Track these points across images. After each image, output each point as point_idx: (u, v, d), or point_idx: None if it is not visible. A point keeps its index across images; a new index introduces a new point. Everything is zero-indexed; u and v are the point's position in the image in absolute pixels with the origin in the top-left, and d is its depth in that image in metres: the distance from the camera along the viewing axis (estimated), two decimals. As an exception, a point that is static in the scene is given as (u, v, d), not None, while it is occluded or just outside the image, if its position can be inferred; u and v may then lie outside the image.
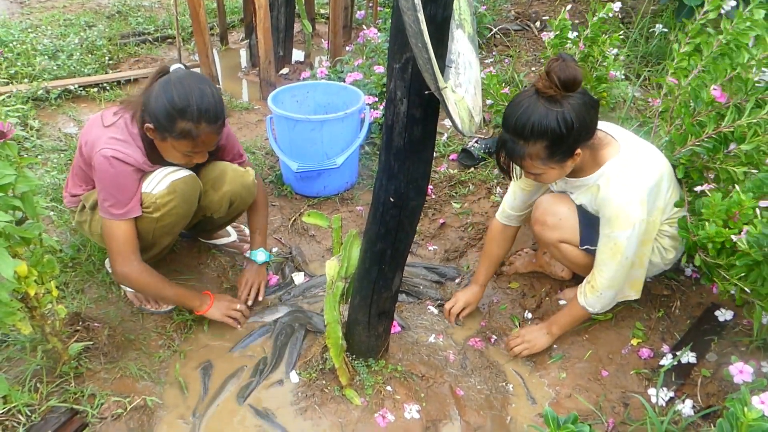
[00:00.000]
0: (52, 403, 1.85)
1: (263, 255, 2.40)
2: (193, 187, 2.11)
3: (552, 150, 1.73)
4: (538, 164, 1.77)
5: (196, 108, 1.89)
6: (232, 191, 2.24)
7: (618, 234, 1.85)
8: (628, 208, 1.82)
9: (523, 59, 4.44)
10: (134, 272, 2.06)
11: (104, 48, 4.56)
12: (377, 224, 1.72)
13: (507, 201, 2.22)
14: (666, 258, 2.05)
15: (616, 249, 1.87)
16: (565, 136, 1.70)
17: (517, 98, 1.75)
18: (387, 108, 1.55)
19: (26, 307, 1.78)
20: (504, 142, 1.78)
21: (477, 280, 2.32)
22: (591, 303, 2.00)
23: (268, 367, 2.14)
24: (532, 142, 1.71)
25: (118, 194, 1.98)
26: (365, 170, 3.23)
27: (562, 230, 2.06)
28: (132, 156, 1.97)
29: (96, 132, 2.01)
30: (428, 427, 1.92)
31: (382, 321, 1.95)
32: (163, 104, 1.90)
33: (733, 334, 2.09)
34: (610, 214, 1.86)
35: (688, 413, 1.82)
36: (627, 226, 1.83)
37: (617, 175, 1.84)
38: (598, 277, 1.95)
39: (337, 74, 3.79)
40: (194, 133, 1.93)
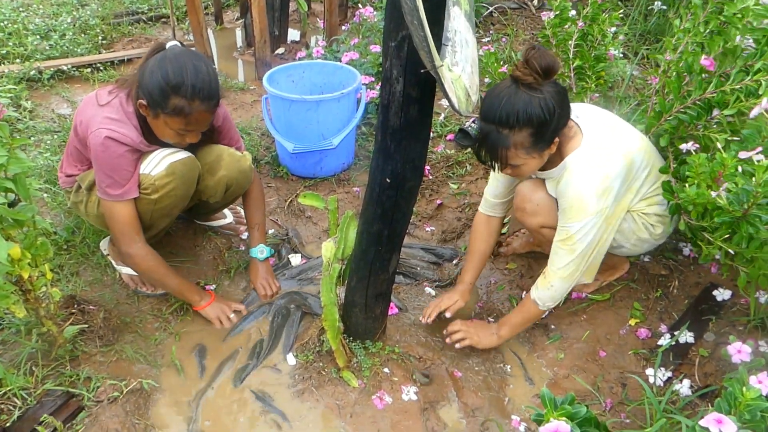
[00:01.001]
0: (48, 386, 1.85)
1: (265, 251, 2.39)
2: (192, 169, 2.09)
3: (536, 138, 1.70)
4: (521, 154, 1.73)
5: (191, 85, 1.86)
6: (229, 176, 2.22)
7: (570, 225, 1.83)
8: (584, 200, 1.80)
9: (521, 38, 4.40)
10: (139, 254, 2.05)
11: (97, 27, 4.50)
12: (374, 205, 1.70)
13: (489, 190, 2.18)
14: (654, 233, 2.03)
15: (569, 239, 1.85)
16: (549, 122, 1.69)
17: (494, 89, 1.72)
18: (383, 87, 1.53)
19: (20, 290, 1.77)
20: (487, 133, 1.73)
21: (463, 279, 2.22)
22: (541, 296, 1.94)
23: (265, 350, 2.14)
24: (518, 130, 1.68)
25: (114, 175, 1.95)
26: (362, 151, 3.20)
27: (541, 216, 2.08)
28: (128, 135, 1.95)
29: (91, 111, 1.98)
30: (426, 408, 1.92)
31: (379, 303, 1.94)
32: (157, 80, 1.86)
33: (731, 314, 2.08)
34: (564, 206, 1.85)
35: (685, 393, 1.82)
36: (581, 217, 1.81)
37: (576, 168, 1.82)
38: (549, 266, 1.92)
39: (333, 54, 3.75)
40: (187, 110, 1.89)
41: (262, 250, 2.38)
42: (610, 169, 1.81)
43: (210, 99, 1.91)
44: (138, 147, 1.98)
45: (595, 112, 1.95)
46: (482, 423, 1.89)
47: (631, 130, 1.96)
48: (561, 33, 2.49)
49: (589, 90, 2.47)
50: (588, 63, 2.46)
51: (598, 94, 2.61)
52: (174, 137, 1.99)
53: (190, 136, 2.01)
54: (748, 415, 1.24)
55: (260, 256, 2.38)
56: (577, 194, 1.81)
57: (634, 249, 2.09)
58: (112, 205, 1.99)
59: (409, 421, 1.87)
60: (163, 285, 2.19)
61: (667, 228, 2.04)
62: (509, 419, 1.90)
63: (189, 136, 2.01)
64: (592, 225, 1.83)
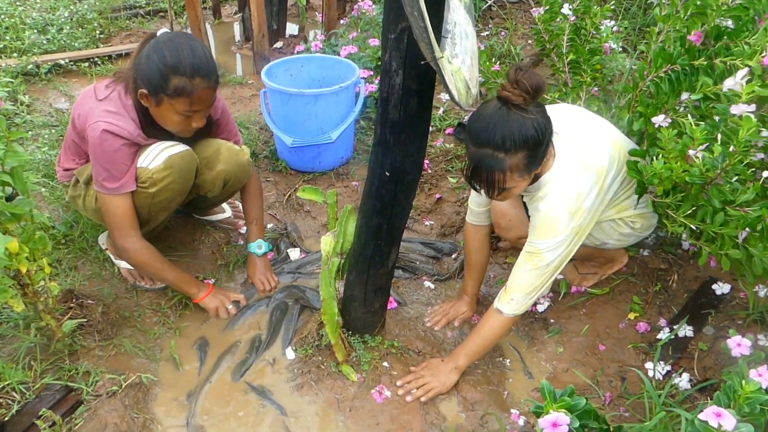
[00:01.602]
0: (47, 380, 1.84)
1: (263, 246, 2.39)
2: (190, 162, 2.08)
3: (530, 159, 1.66)
4: (515, 177, 1.68)
5: (189, 63, 1.85)
6: (227, 170, 2.21)
7: (539, 242, 1.80)
8: (555, 220, 1.77)
9: (519, 32, 4.39)
10: (134, 247, 2.05)
11: (95, 22, 4.48)
12: (373, 199, 1.69)
13: (472, 199, 2.15)
14: (635, 227, 2.02)
15: (534, 255, 1.82)
16: (542, 142, 1.65)
17: (482, 112, 1.66)
18: (382, 80, 1.52)
19: (18, 284, 1.76)
20: (480, 158, 1.65)
21: (467, 291, 2.24)
22: (507, 308, 1.88)
23: (264, 344, 2.13)
24: (513, 153, 1.62)
25: (111, 168, 1.95)
26: (360, 145, 3.19)
27: (515, 229, 2.11)
28: (125, 128, 1.94)
29: (89, 105, 1.97)
30: (425, 402, 1.91)
31: (378, 297, 1.94)
32: (155, 64, 1.86)
33: (730, 308, 2.08)
34: (535, 222, 1.82)
35: (684, 386, 1.82)
36: (549, 236, 1.78)
37: (549, 191, 1.79)
38: (511, 280, 1.88)
39: (332, 48, 3.74)
40: (189, 88, 1.87)
41: (260, 245, 2.38)
42: (583, 187, 1.78)
43: (209, 75, 1.91)
44: (136, 140, 1.97)
45: (565, 120, 1.90)
46: (481, 417, 1.89)
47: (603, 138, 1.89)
48: (553, 27, 2.48)
49: (585, 84, 2.46)
50: (583, 57, 2.45)
51: (597, 88, 2.60)
52: (180, 123, 1.97)
53: (196, 119, 1.99)
54: (747, 408, 1.24)
55: (258, 251, 2.38)
56: (548, 214, 1.78)
57: (619, 243, 2.09)
58: (108, 199, 1.98)
59: (408, 415, 1.87)
60: (161, 278, 2.18)
61: (649, 221, 2.03)
62: (508, 413, 1.90)
63: (195, 118, 1.98)
64: (561, 243, 1.79)
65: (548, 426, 1.28)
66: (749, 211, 1.54)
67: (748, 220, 1.53)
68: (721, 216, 1.61)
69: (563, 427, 1.28)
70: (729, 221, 1.61)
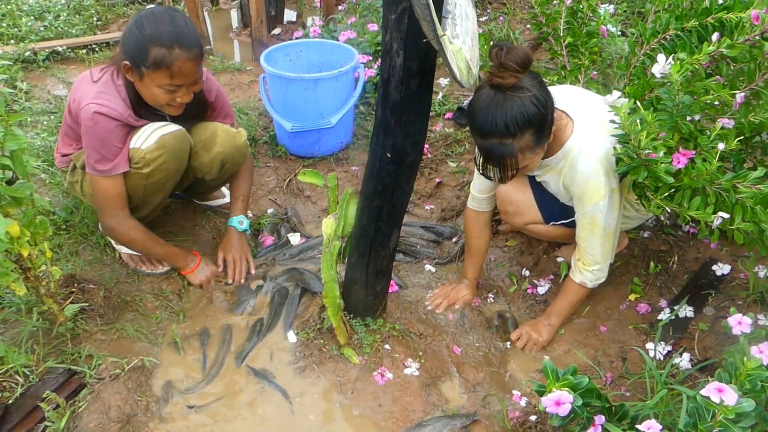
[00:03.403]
0: (50, 364, 1.85)
1: (245, 223, 2.37)
2: (183, 142, 2.07)
3: (538, 134, 1.68)
4: (527, 155, 1.70)
5: (167, 33, 1.82)
6: (224, 153, 2.20)
7: (591, 209, 1.83)
8: (595, 182, 1.80)
9: (518, 17, 4.37)
10: (121, 225, 2.07)
11: (92, 8, 4.45)
12: (374, 180, 1.69)
13: (474, 186, 2.16)
14: (641, 209, 2.03)
15: (594, 224, 1.85)
16: (546, 116, 1.66)
17: (478, 103, 1.66)
18: (383, 61, 1.51)
19: (20, 268, 1.76)
20: (490, 149, 1.68)
21: (467, 276, 2.26)
22: (588, 278, 1.97)
23: (265, 328, 2.14)
24: (520, 135, 1.64)
25: (103, 150, 1.94)
26: (360, 130, 3.18)
27: (523, 215, 2.12)
28: (116, 109, 1.93)
29: (84, 88, 1.97)
30: (427, 384, 1.92)
31: (379, 279, 1.94)
32: (134, 35, 1.85)
33: (730, 288, 2.09)
34: (578, 192, 1.85)
35: (685, 366, 1.83)
36: (597, 198, 1.81)
37: (578, 154, 1.81)
38: (585, 255, 1.94)
39: (330, 33, 3.72)
40: (168, 59, 1.83)
41: (241, 221, 2.37)
42: (608, 148, 1.79)
43: (190, 46, 1.86)
44: (127, 121, 1.96)
45: (570, 94, 1.93)
46: (483, 398, 1.90)
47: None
48: (549, 10, 2.47)
49: (583, 66, 2.45)
50: (580, 40, 2.44)
51: (596, 72, 2.59)
52: (163, 97, 1.92)
53: (181, 93, 1.94)
54: (748, 385, 1.24)
55: (239, 226, 2.36)
56: (587, 178, 1.80)
57: (623, 226, 2.11)
58: (99, 180, 1.99)
59: (410, 397, 1.88)
60: (149, 254, 2.23)
61: None
62: (510, 394, 1.91)
63: (179, 93, 1.94)
64: (610, 203, 1.82)
65: (551, 404, 1.30)
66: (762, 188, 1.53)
67: (760, 197, 1.53)
68: (698, 200, 1.61)
69: (566, 406, 1.29)
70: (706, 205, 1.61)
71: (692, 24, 1.76)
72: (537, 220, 2.11)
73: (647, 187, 1.71)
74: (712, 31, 1.70)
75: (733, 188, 1.55)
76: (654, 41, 1.89)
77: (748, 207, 1.52)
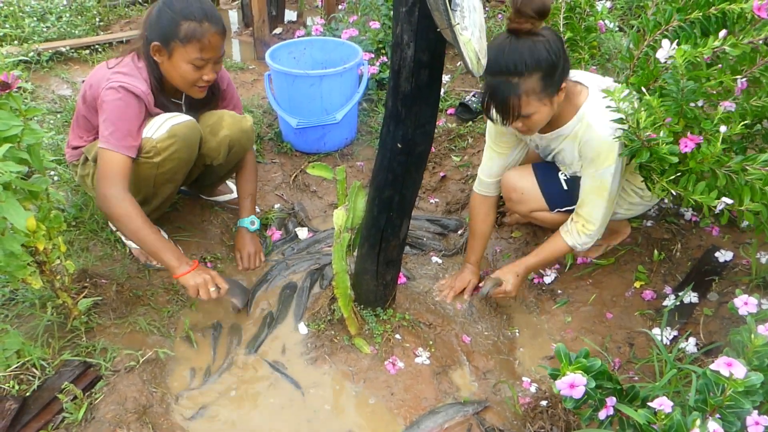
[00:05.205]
0: (65, 357, 1.87)
1: (256, 223, 2.42)
2: (194, 131, 2.11)
3: (545, 82, 1.71)
4: (533, 101, 1.73)
5: (196, 9, 1.95)
6: (231, 135, 2.24)
7: (603, 171, 1.87)
8: (609, 144, 1.83)
9: (518, 14, 4.40)
10: (118, 195, 1.95)
11: (94, 9, 4.48)
12: (385, 171, 1.72)
13: (483, 169, 2.20)
14: (645, 196, 2.07)
15: (603, 186, 1.89)
16: (556, 64, 1.70)
17: (493, 44, 1.70)
18: (393, 53, 1.54)
19: (35, 262, 1.78)
20: (496, 86, 1.72)
21: (469, 260, 2.28)
22: (582, 241, 2.00)
23: (276, 320, 2.17)
24: (527, 76, 1.68)
25: (119, 123, 1.97)
26: (364, 126, 3.22)
27: (528, 203, 2.15)
28: (138, 87, 1.99)
29: (101, 73, 2.04)
30: (438, 372, 1.95)
31: (390, 269, 1.96)
32: (165, 14, 1.96)
33: (732, 274, 2.13)
34: (592, 154, 1.88)
35: (691, 350, 1.87)
36: (610, 161, 1.84)
37: (594, 117, 1.85)
38: (588, 217, 1.96)
39: (332, 31, 3.75)
40: (199, 32, 1.95)
41: (252, 221, 2.42)
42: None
43: (217, 21, 2.00)
44: (146, 99, 2.02)
45: (583, 72, 1.99)
46: (494, 385, 1.93)
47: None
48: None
49: (583, 60, 2.49)
50: (579, 35, 2.48)
51: (596, 66, 2.63)
52: (192, 74, 2.02)
53: (207, 70, 2.04)
54: (756, 362, 1.28)
55: (251, 227, 2.41)
56: (602, 140, 1.83)
57: (628, 213, 2.15)
58: (110, 154, 1.97)
59: (422, 385, 1.91)
60: (139, 239, 1.99)
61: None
62: (520, 381, 1.94)
63: (206, 70, 2.04)
64: (618, 168, 1.86)
65: (566, 387, 1.32)
66: None
67: None
68: (702, 185, 1.64)
69: (580, 388, 1.31)
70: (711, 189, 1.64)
71: (695, 15, 1.79)
72: (542, 207, 2.14)
73: (653, 169, 1.74)
74: (715, 23, 1.74)
75: (743, 170, 1.59)
76: (657, 33, 1.92)
77: (757, 189, 1.56)
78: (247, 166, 2.42)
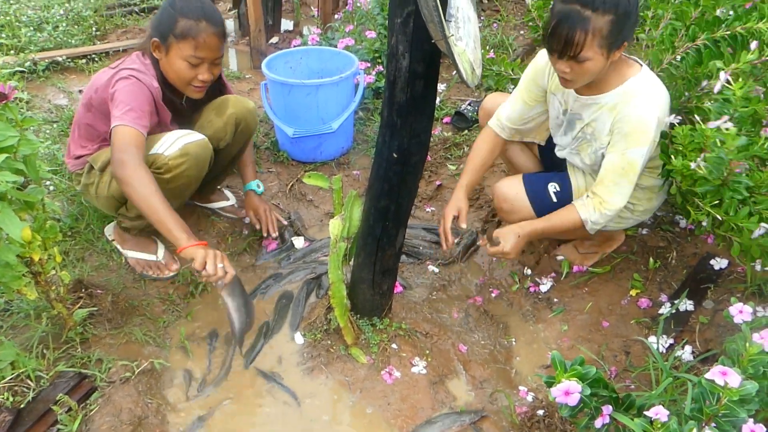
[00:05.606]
0: (60, 368, 1.86)
1: (261, 186, 2.58)
2: (205, 150, 2.12)
3: (614, 29, 1.65)
4: (595, 45, 1.67)
5: (195, 8, 2.01)
6: (237, 113, 2.31)
7: (633, 151, 1.82)
8: (647, 124, 1.78)
9: (512, 23, 4.43)
10: (134, 161, 1.87)
11: (90, 19, 4.50)
12: (380, 181, 1.73)
13: (504, 109, 2.16)
14: (636, 210, 2.07)
15: (629, 167, 1.84)
16: (630, 16, 1.66)
17: None
18: (389, 63, 1.55)
19: (30, 272, 1.78)
20: (566, 14, 1.64)
21: (460, 183, 2.19)
22: (596, 218, 1.94)
23: (272, 330, 2.16)
24: (601, 14, 1.63)
25: (134, 104, 1.99)
26: (360, 135, 3.22)
27: (517, 212, 2.17)
28: (148, 81, 2.05)
29: (106, 74, 2.09)
30: (435, 382, 1.95)
31: (386, 279, 1.97)
32: (165, 11, 2.03)
33: (728, 282, 2.13)
34: (627, 129, 1.82)
35: (687, 358, 1.87)
36: (642, 143, 1.80)
37: (640, 93, 1.80)
38: (605, 196, 1.90)
39: (329, 41, 3.76)
40: (194, 30, 1.99)
41: (258, 184, 2.55)
42: (667, 101, 1.81)
43: (216, 22, 2.04)
44: (155, 93, 2.07)
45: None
46: (490, 394, 1.93)
47: None
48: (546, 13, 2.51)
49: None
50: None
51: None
52: (187, 72, 2.06)
53: (203, 70, 2.08)
54: (751, 370, 1.28)
55: (258, 189, 2.54)
56: (641, 119, 1.79)
57: (617, 226, 2.15)
58: (125, 128, 1.92)
59: (418, 395, 1.91)
60: (149, 205, 1.85)
61: (651, 204, 2.08)
62: (517, 390, 1.94)
63: (201, 69, 2.07)
64: (646, 153, 1.82)
65: (561, 394, 1.32)
66: None
67: None
68: (746, 210, 1.64)
69: (575, 395, 1.31)
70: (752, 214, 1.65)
71: (721, 34, 1.81)
72: (530, 216, 2.12)
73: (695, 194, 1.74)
74: (741, 41, 1.76)
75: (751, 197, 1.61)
76: (680, 50, 1.93)
77: None
78: (246, 148, 2.52)
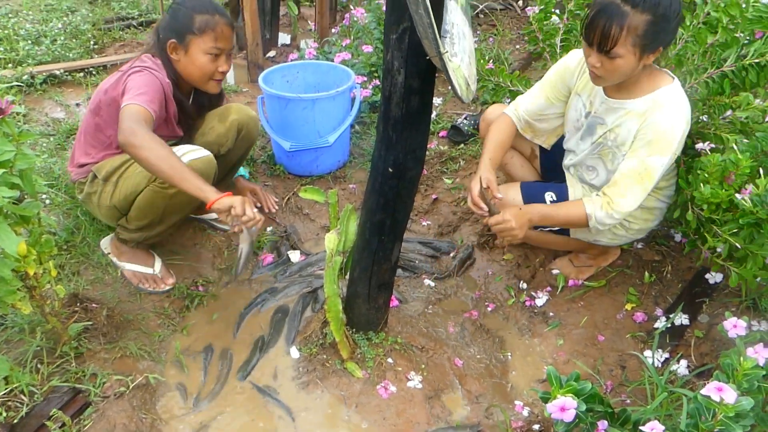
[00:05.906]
0: (54, 383, 1.85)
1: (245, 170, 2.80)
2: (210, 167, 2.13)
3: (650, 31, 1.65)
4: (629, 42, 1.67)
5: (206, 2, 2.14)
6: (240, 119, 2.40)
7: (654, 159, 1.81)
8: (671, 135, 1.78)
9: (508, 37, 4.47)
10: (144, 130, 1.87)
11: (88, 33, 4.51)
12: (376, 195, 1.73)
13: (523, 100, 2.15)
14: (631, 229, 2.08)
15: (646, 174, 1.82)
16: (668, 20, 1.66)
17: None
18: (384, 79, 1.56)
19: (25, 287, 1.77)
20: (606, 6, 1.65)
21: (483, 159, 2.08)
22: (601, 217, 1.90)
23: (267, 344, 2.16)
24: (639, 12, 1.63)
25: (146, 89, 2.02)
26: (356, 149, 3.23)
27: None
28: (161, 76, 2.12)
29: (116, 75, 2.14)
30: (431, 396, 1.95)
31: (382, 293, 1.97)
32: (179, 12, 2.12)
33: (723, 296, 2.14)
34: (651, 137, 1.81)
35: (683, 372, 1.87)
36: (665, 152, 1.80)
37: (671, 103, 1.80)
38: (619, 197, 1.87)
39: (325, 55, 3.78)
40: (212, 23, 2.10)
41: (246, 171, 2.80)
42: (690, 121, 1.81)
43: (226, 15, 2.17)
44: (167, 89, 2.13)
45: None
46: (486, 409, 1.92)
47: None
48: (547, 27, 2.54)
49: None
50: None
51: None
52: (209, 65, 2.15)
53: (222, 61, 2.17)
54: (746, 384, 1.28)
55: (246, 174, 2.79)
56: (666, 128, 1.79)
57: (610, 242, 2.17)
58: (135, 106, 1.93)
59: (414, 409, 1.90)
60: (169, 164, 1.85)
61: (647, 224, 2.09)
62: (512, 405, 1.93)
63: (221, 61, 2.17)
64: (666, 163, 1.81)
65: (556, 410, 1.32)
66: None
67: None
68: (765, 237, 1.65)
69: (571, 411, 1.31)
70: None
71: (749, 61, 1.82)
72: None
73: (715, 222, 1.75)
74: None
75: None
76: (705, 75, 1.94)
77: None
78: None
